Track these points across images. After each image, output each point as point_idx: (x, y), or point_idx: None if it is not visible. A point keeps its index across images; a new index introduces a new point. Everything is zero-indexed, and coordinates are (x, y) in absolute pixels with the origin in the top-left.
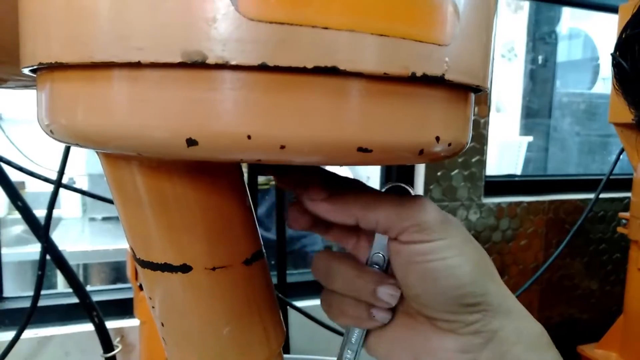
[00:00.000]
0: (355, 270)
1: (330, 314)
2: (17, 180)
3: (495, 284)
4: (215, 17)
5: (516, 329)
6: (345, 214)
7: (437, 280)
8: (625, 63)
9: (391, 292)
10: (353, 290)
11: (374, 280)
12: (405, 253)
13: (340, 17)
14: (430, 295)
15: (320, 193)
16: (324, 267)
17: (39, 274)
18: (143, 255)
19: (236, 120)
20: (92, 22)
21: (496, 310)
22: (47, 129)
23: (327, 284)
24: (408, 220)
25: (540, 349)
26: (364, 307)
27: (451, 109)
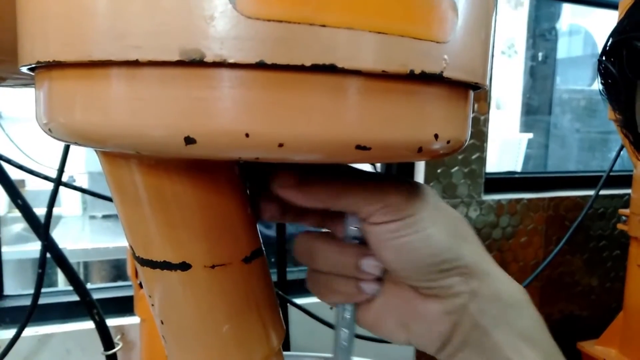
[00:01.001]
0: (336, 247)
1: (320, 294)
2: (17, 179)
3: (470, 247)
4: (213, 15)
5: (495, 288)
6: (315, 200)
7: (411, 253)
8: (612, 68)
9: (374, 263)
10: (338, 267)
11: (356, 253)
12: (376, 233)
13: (338, 15)
14: (408, 268)
15: (290, 179)
16: (306, 248)
17: (39, 272)
18: (142, 253)
19: (234, 118)
20: (90, 21)
21: (473, 271)
22: (46, 127)
23: (311, 264)
24: (375, 204)
25: (519, 306)
26: (352, 282)
27: (450, 106)
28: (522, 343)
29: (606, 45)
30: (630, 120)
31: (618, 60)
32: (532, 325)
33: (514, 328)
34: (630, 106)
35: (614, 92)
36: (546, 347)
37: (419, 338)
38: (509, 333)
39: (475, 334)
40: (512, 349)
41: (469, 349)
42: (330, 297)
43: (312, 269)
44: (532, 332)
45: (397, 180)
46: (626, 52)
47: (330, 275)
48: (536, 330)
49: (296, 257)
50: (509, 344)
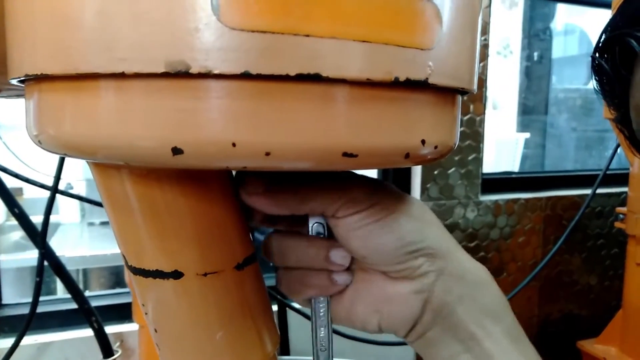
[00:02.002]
0: (304, 242)
1: (292, 292)
2: (15, 187)
3: (433, 230)
4: (197, 27)
5: (459, 267)
6: (281, 207)
7: (377, 239)
8: (606, 64)
9: (342, 254)
10: (308, 262)
11: (324, 246)
12: (343, 225)
13: (322, 24)
14: (376, 254)
15: (258, 186)
16: (275, 247)
17: (37, 281)
18: (135, 262)
19: (221, 128)
20: (76, 34)
21: (438, 252)
22: (36, 139)
23: (282, 262)
24: (338, 201)
25: (482, 284)
26: (324, 275)
27: (436, 112)
28: (485, 319)
29: (599, 42)
30: (625, 117)
31: (611, 57)
32: (495, 302)
33: (477, 305)
34: (624, 102)
35: (608, 89)
36: (508, 321)
37: (392, 321)
38: (473, 309)
39: (442, 312)
40: (477, 324)
41: (437, 327)
42: (304, 292)
43: (284, 267)
44: (495, 308)
45: (360, 177)
46: (619, 48)
47: (302, 270)
48: (499, 307)
49: (266, 257)
50: (474, 320)
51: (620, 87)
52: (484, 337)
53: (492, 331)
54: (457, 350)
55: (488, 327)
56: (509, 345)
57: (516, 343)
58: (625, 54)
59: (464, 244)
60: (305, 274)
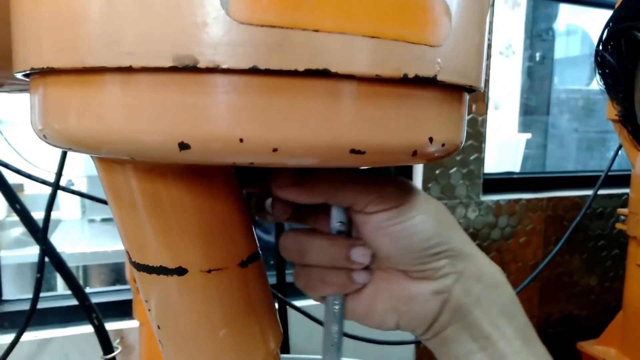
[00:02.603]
0: (326, 241)
1: (310, 289)
2: (16, 183)
3: (456, 232)
4: (206, 21)
5: (478, 270)
6: (315, 195)
7: (404, 239)
8: (611, 58)
9: (363, 252)
10: (328, 260)
11: (345, 245)
12: (372, 222)
13: (331, 19)
14: (401, 253)
15: (289, 178)
16: (294, 245)
17: (38, 277)
18: (138, 258)
19: (228, 123)
20: (83, 28)
21: (459, 254)
22: (40, 133)
23: (301, 260)
24: (369, 195)
25: (497, 286)
26: (343, 273)
27: (444, 109)
28: (500, 319)
29: (603, 35)
30: (630, 111)
31: (616, 50)
32: (508, 303)
33: (493, 305)
34: (629, 97)
35: (612, 83)
36: (520, 322)
37: (410, 319)
38: (488, 310)
39: (459, 312)
40: (491, 324)
41: (453, 326)
42: (322, 290)
43: (302, 265)
44: (509, 308)
45: (386, 175)
46: (624, 41)
47: (321, 269)
48: (512, 307)
49: (284, 255)
50: (489, 320)
51: (624, 80)
52: (498, 338)
53: (506, 332)
54: (472, 349)
55: (502, 328)
56: (521, 345)
57: (528, 343)
58: (630, 48)
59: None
60: (325, 272)
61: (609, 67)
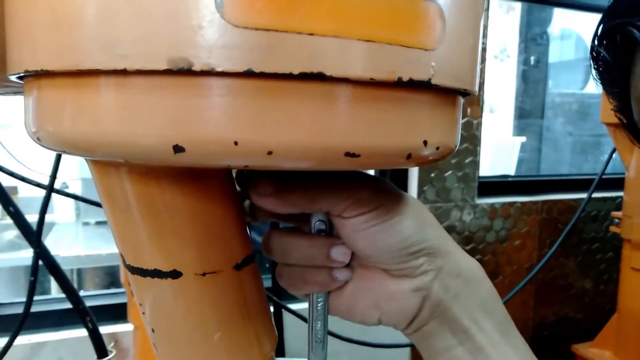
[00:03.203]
0: (306, 240)
1: (293, 287)
2: (10, 185)
3: (433, 230)
4: (200, 24)
5: (456, 265)
6: (291, 206)
7: (382, 240)
8: (606, 53)
9: (343, 251)
10: (309, 259)
11: (325, 244)
12: (350, 225)
13: (326, 23)
14: (380, 253)
15: (268, 187)
16: (277, 244)
17: (32, 280)
18: (132, 261)
19: (223, 126)
20: (78, 30)
21: (437, 251)
22: (34, 136)
23: (283, 259)
24: (345, 200)
25: (476, 281)
26: (324, 272)
27: (439, 113)
28: (479, 314)
29: (598, 30)
30: (625, 105)
31: (612, 46)
32: (487, 297)
33: (472, 301)
34: (625, 92)
35: (607, 77)
36: (499, 316)
37: (391, 316)
38: (467, 306)
39: (439, 307)
40: (470, 319)
41: (434, 321)
42: (304, 288)
43: (284, 264)
44: (488, 303)
45: (364, 176)
46: (620, 37)
47: (303, 267)
48: (491, 302)
49: (266, 254)
50: (468, 315)
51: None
52: (476, 332)
53: (484, 325)
54: (451, 343)
55: (480, 322)
56: (500, 338)
57: (506, 336)
58: (625, 43)
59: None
60: (306, 271)
61: (604, 62)
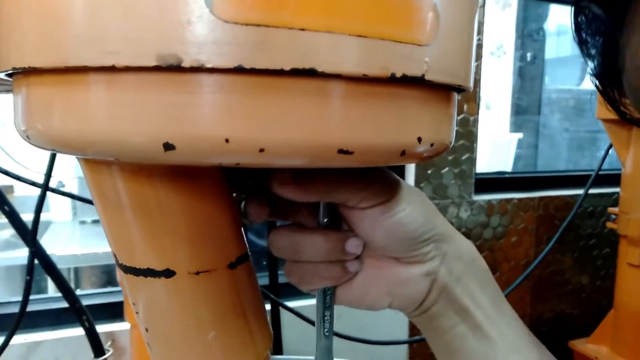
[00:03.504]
0: (321, 236)
1: (305, 283)
2: (5, 184)
3: (438, 217)
4: (190, 19)
5: (457, 250)
6: (311, 195)
7: (397, 230)
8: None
9: (357, 243)
10: (324, 254)
11: (339, 239)
12: (367, 217)
13: (317, 18)
14: (394, 242)
15: (288, 177)
16: (287, 242)
17: (28, 279)
18: (126, 260)
19: (213, 123)
20: (66, 26)
21: (443, 237)
22: (24, 134)
23: (295, 257)
24: (362, 192)
25: (473, 261)
26: (338, 266)
27: (433, 109)
28: (476, 291)
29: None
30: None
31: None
32: (481, 274)
33: (470, 280)
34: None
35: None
36: (492, 288)
37: (402, 300)
38: (467, 285)
39: (444, 289)
40: (469, 297)
41: (439, 302)
42: (318, 283)
43: (294, 261)
44: (482, 279)
45: (375, 170)
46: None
47: (316, 263)
48: (485, 277)
49: (275, 253)
50: (467, 294)
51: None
52: (475, 310)
53: (481, 301)
54: (455, 321)
55: (477, 299)
56: (495, 312)
57: (500, 308)
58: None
59: None
60: (320, 266)
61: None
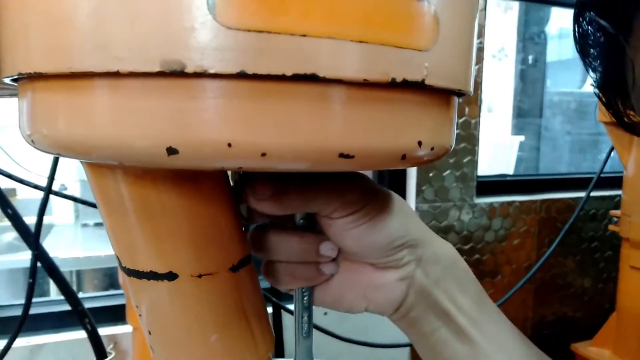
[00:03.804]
0: (295, 238)
1: (281, 283)
2: (8, 187)
3: (413, 222)
4: (193, 25)
5: (434, 253)
6: (287, 209)
7: (368, 237)
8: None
9: (331, 246)
10: (298, 255)
11: (314, 241)
12: (337, 225)
13: (319, 24)
14: (366, 249)
15: (266, 191)
16: (265, 241)
17: (30, 282)
18: (129, 263)
19: (216, 128)
20: (71, 32)
21: (418, 242)
22: (29, 138)
23: (271, 256)
24: (334, 203)
25: (452, 263)
26: (312, 267)
27: (433, 113)
28: (457, 294)
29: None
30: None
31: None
32: (462, 276)
33: (450, 283)
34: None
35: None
36: (473, 290)
37: (378, 304)
38: (447, 288)
39: (422, 293)
40: (450, 300)
41: (418, 307)
42: (292, 283)
43: (270, 260)
44: (463, 281)
45: (352, 176)
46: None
47: (291, 264)
48: (466, 279)
49: (254, 251)
50: (447, 297)
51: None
52: (456, 313)
53: (462, 304)
54: (436, 325)
55: (459, 302)
56: (478, 314)
57: (483, 309)
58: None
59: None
60: (295, 267)
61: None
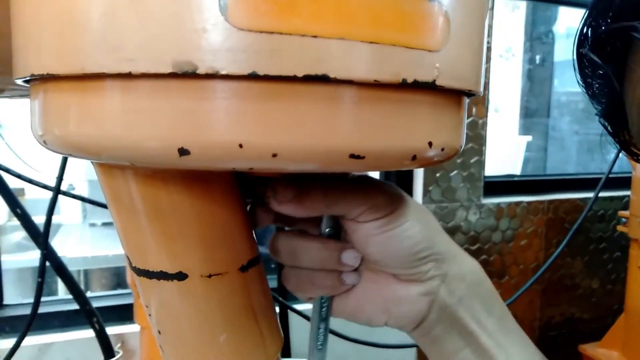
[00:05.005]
0: (318, 244)
1: (300, 290)
2: (17, 187)
3: (440, 236)
4: (205, 27)
5: (459, 270)
6: (310, 211)
7: (393, 245)
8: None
9: (354, 255)
10: (320, 262)
11: (337, 248)
12: (363, 230)
13: (329, 25)
14: (390, 258)
15: (288, 193)
16: (286, 247)
17: (39, 281)
18: (139, 263)
19: (228, 129)
20: (83, 34)
21: (444, 257)
22: (41, 139)
23: (292, 262)
24: (362, 205)
25: (478, 282)
26: (334, 275)
27: (443, 114)
28: (481, 314)
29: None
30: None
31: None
32: (487, 296)
33: (475, 302)
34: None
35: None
36: (498, 310)
37: (399, 319)
38: (471, 307)
39: (446, 311)
40: (474, 320)
41: (441, 324)
42: (312, 291)
43: (291, 266)
44: (488, 301)
45: (378, 182)
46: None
47: (311, 271)
48: (491, 299)
49: (274, 256)
50: (472, 317)
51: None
52: (480, 333)
53: (487, 324)
54: (459, 345)
55: (484, 322)
56: (502, 336)
57: (506, 330)
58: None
59: (465, 247)
60: (315, 274)
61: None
